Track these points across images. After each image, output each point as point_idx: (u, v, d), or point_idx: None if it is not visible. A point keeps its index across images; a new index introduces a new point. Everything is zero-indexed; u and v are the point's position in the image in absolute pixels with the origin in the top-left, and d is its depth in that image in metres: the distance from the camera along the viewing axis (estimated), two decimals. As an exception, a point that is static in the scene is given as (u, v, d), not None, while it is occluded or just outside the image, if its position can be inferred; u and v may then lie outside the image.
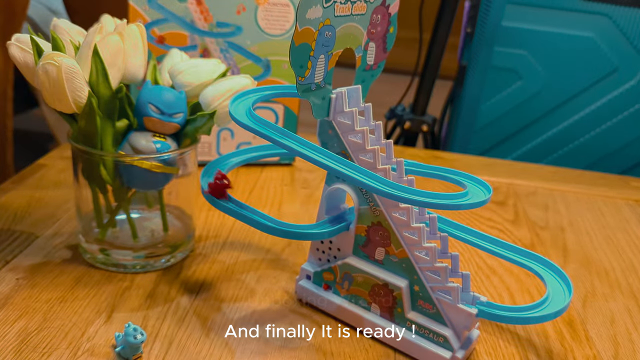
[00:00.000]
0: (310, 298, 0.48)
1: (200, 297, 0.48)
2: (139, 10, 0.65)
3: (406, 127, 1.15)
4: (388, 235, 0.43)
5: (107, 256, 0.50)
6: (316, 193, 0.70)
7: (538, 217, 0.70)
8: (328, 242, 0.47)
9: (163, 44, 0.67)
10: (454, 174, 0.45)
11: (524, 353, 0.46)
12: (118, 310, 0.45)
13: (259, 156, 0.53)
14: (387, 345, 0.45)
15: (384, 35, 0.45)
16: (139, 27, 0.47)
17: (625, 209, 0.75)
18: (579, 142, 1.07)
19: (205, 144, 0.72)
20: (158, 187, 0.50)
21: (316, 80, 0.40)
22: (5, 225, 0.56)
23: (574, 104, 1.04)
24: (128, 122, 0.48)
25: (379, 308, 0.45)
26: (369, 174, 0.39)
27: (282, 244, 0.58)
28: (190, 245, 0.54)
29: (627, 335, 0.49)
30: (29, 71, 0.45)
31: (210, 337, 0.44)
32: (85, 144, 0.46)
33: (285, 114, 0.74)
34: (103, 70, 0.44)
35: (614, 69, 1.01)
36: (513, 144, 1.10)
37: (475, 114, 1.09)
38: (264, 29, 0.69)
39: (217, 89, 0.48)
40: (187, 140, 0.50)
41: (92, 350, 0.41)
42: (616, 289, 0.56)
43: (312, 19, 0.37)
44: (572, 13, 0.99)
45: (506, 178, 0.81)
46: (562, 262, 0.60)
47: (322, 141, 0.44)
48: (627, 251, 0.64)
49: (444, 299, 0.42)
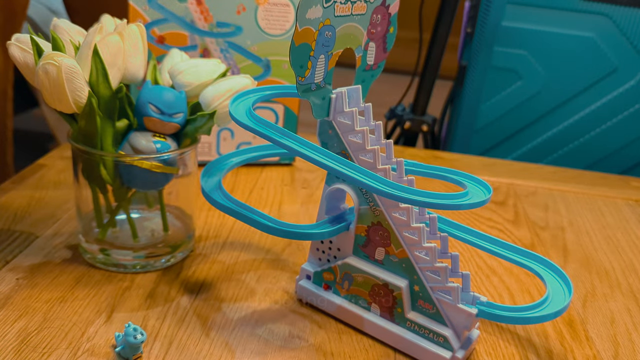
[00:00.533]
0: (310, 298, 0.48)
1: (200, 297, 0.48)
2: (139, 10, 0.65)
3: (406, 127, 1.15)
4: (388, 235, 0.43)
5: (107, 256, 0.50)
6: (316, 193, 0.70)
7: (538, 217, 0.70)
8: (328, 242, 0.47)
9: (163, 44, 0.67)
10: (454, 174, 0.45)
11: (524, 353, 0.46)
12: (118, 310, 0.45)
13: (259, 156, 0.53)
14: (387, 345, 0.45)
15: (384, 35, 0.45)
16: (139, 27, 0.47)
17: (625, 209, 0.75)
18: (579, 142, 1.07)
19: (205, 144, 0.72)
20: (158, 187, 0.50)
21: (316, 80, 0.40)
22: (5, 225, 0.56)
23: (574, 104, 1.04)
24: (128, 122, 0.48)
25: (379, 308, 0.45)
26: (369, 174, 0.39)
27: (282, 244, 0.58)
28: (190, 245, 0.54)
29: (627, 335, 0.49)
30: (29, 71, 0.45)
31: (211, 337, 0.44)
32: (85, 144, 0.46)
33: (285, 114, 0.74)
34: (103, 70, 0.44)
35: (614, 69, 1.01)
36: (513, 144, 1.10)
37: (475, 114, 1.09)
38: (264, 29, 0.69)
39: (217, 89, 0.48)
40: (187, 140, 0.50)
41: (92, 350, 0.41)
42: (616, 289, 0.56)
43: (312, 19, 0.37)
44: (572, 13, 0.99)
45: (506, 178, 0.81)
46: (562, 262, 0.60)
47: (322, 141, 0.44)
48: (627, 251, 0.64)
49: (444, 299, 0.42)
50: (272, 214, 0.64)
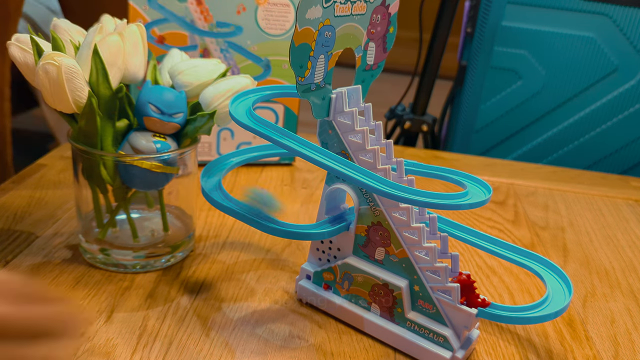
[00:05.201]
0: (310, 298, 0.48)
1: (200, 297, 0.48)
2: (139, 10, 0.65)
3: (406, 127, 1.15)
4: (388, 235, 0.43)
5: (107, 256, 0.50)
6: (316, 193, 0.70)
7: (538, 217, 0.70)
8: (328, 242, 0.47)
9: (163, 44, 0.67)
10: (454, 174, 0.45)
11: (524, 353, 0.46)
12: (118, 310, 0.45)
13: (259, 156, 0.53)
14: (387, 345, 0.45)
15: (384, 35, 0.45)
16: (139, 27, 0.47)
17: (625, 209, 0.75)
18: (579, 142, 1.07)
19: (205, 144, 0.72)
20: (158, 187, 0.50)
21: (316, 80, 0.40)
22: (5, 225, 0.56)
23: (574, 104, 1.04)
24: (128, 122, 0.48)
25: (379, 308, 0.45)
26: (369, 174, 0.39)
27: (282, 244, 0.58)
28: (190, 245, 0.54)
29: (627, 335, 0.49)
30: (29, 71, 0.45)
31: (211, 337, 0.44)
32: (85, 144, 0.46)
33: (285, 114, 0.74)
34: (103, 70, 0.44)
35: (614, 69, 1.01)
36: (513, 144, 1.10)
37: (475, 114, 1.09)
38: (264, 29, 0.69)
39: (217, 89, 0.48)
40: (187, 140, 0.50)
41: (92, 350, 0.41)
42: (616, 289, 0.56)
43: (312, 19, 0.37)
44: (572, 13, 0.99)
45: (506, 178, 0.81)
46: (562, 262, 0.60)
47: (322, 141, 0.44)
48: (627, 251, 0.64)
49: (444, 299, 0.42)
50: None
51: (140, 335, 0.43)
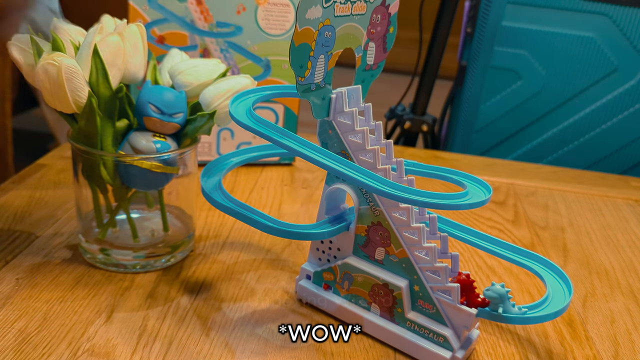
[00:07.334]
0: (310, 298, 0.48)
1: (200, 297, 0.48)
2: (139, 10, 0.65)
3: (406, 127, 1.15)
4: (388, 235, 0.43)
5: (107, 256, 0.50)
6: (316, 193, 0.70)
7: (538, 217, 0.70)
8: (328, 242, 0.47)
9: (163, 44, 0.67)
10: (454, 174, 0.45)
11: (524, 353, 0.46)
12: (118, 310, 0.45)
13: (259, 156, 0.53)
14: (387, 345, 0.45)
15: (384, 35, 0.45)
16: (139, 27, 0.47)
17: (625, 209, 0.75)
18: (579, 142, 1.07)
19: (205, 144, 0.72)
20: (158, 187, 0.50)
21: (316, 80, 0.40)
22: (5, 225, 0.56)
23: (574, 104, 1.04)
24: (128, 122, 0.48)
25: (379, 308, 0.45)
26: (369, 174, 0.39)
27: (282, 244, 0.58)
28: (190, 245, 0.54)
29: (627, 335, 0.49)
30: (29, 71, 0.45)
31: (211, 337, 0.44)
32: (85, 144, 0.46)
33: (285, 114, 0.74)
34: (103, 70, 0.44)
35: (614, 69, 1.01)
36: (513, 144, 1.10)
37: (475, 114, 1.09)
38: (264, 29, 0.69)
39: (217, 89, 0.48)
40: (187, 140, 0.50)
41: (92, 350, 0.41)
42: (616, 289, 0.56)
43: (312, 19, 0.37)
44: (572, 13, 0.99)
45: (506, 178, 0.81)
46: (562, 262, 0.60)
47: (322, 141, 0.44)
48: (627, 251, 0.64)
49: (444, 299, 0.42)
50: (272, 214, 0.64)
51: (140, 335, 0.43)
